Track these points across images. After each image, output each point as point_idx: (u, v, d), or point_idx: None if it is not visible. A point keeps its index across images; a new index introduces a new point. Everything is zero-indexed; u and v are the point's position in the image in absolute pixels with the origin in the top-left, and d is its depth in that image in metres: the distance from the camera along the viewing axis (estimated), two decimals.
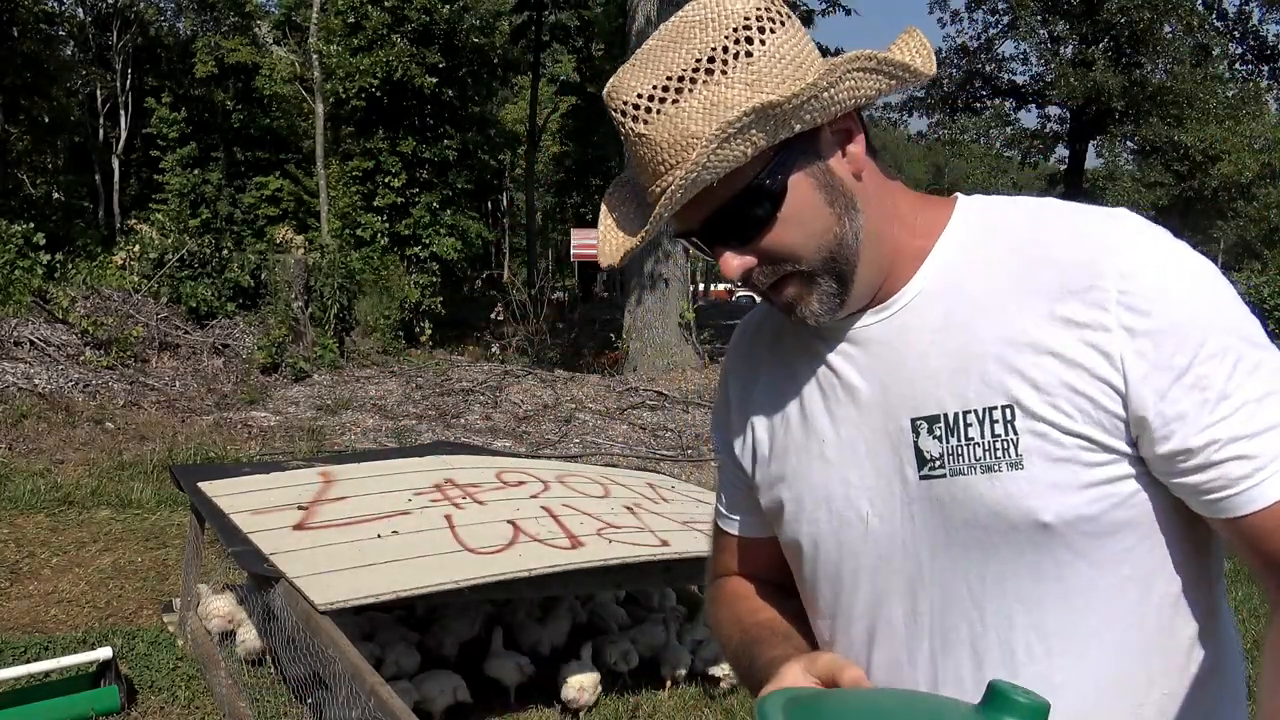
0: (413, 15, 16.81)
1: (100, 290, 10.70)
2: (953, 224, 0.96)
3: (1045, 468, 0.87)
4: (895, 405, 0.94)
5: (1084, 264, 0.87)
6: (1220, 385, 0.83)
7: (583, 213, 31.55)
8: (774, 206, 0.88)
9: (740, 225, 0.89)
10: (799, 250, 0.90)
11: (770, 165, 0.87)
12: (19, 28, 21.26)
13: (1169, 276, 0.85)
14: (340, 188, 17.14)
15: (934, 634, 0.94)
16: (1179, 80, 25.89)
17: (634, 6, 12.62)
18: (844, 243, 0.91)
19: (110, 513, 5.99)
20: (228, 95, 25.75)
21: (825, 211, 0.90)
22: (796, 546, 1.02)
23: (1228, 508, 0.85)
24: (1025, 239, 0.92)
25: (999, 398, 0.88)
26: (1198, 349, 0.83)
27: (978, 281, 0.92)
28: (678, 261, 12.70)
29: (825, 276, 0.91)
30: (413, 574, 2.86)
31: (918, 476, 0.92)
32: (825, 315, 0.93)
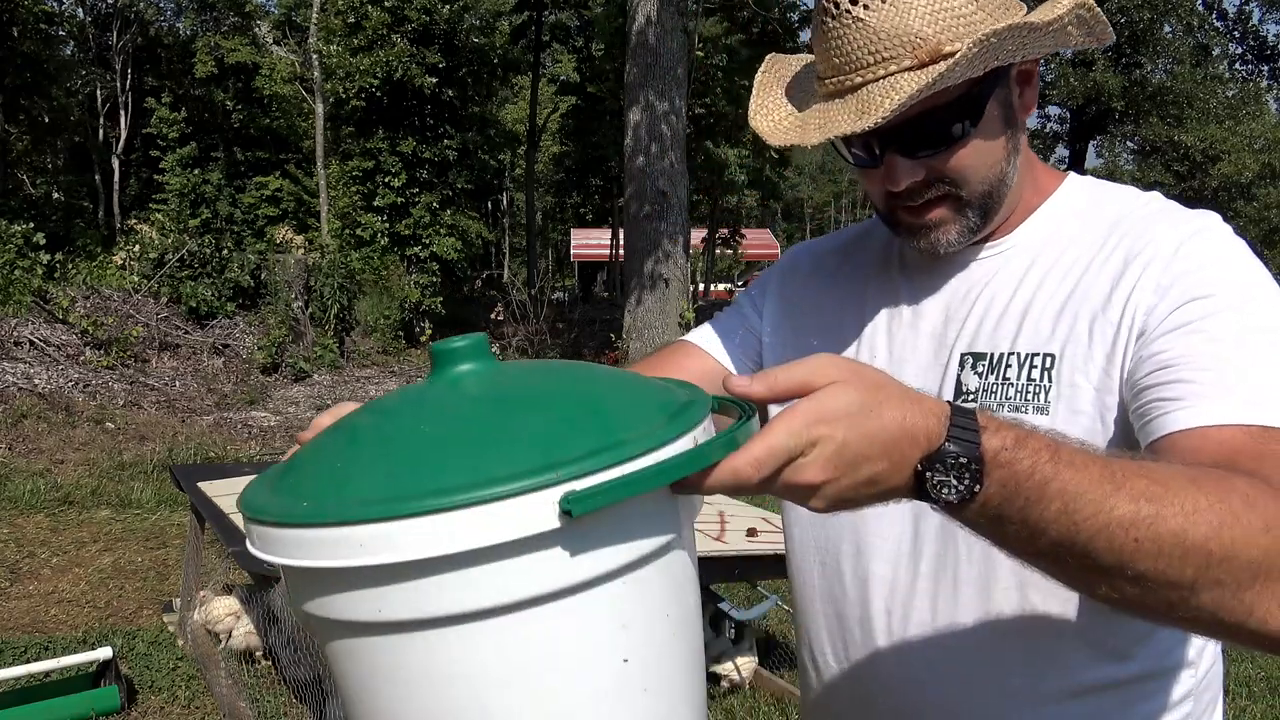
0: (413, 15, 16.81)
1: (100, 290, 10.70)
2: (1063, 189, 1.01)
3: (1067, 417, 0.89)
4: (951, 338, 0.99)
5: (1161, 251, 0.89)
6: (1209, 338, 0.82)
7: (583, 213, 31.56)
8: (972, 125, 0.90)
9: (933, 136, 0.90)
10: (972, 174, 0.92)
11: (981, 84, 0.89)
12: (19, 28, 21.25)
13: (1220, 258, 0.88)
14: (340, 188, 17.13)
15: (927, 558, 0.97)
16: (1179, 80, 25.89)
17: (634, 6, 12.62)
18: (1004, 179, 0.95)
19: (110, 513, 5.98)
20: (228, 95, 25.75)
21: (1001, 144, 0.93)
22: None
23: (1165, 424, 0.80)
24: (1120, 218, 0.95)
25: (1044, 346, 0.92)
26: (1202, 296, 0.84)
27: (1066, 245, 0.96)
28: (678, 261, 12.70)
29: (975, 209, 0.94)
30: None
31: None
32: (957, 246, 0.96)
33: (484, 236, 21.59)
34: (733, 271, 36.69)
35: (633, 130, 12.61)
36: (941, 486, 0.65)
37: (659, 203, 12.51)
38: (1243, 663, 4.16)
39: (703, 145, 20.79)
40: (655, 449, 0.58)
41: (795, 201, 50.91)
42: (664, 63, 12.33)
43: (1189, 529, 0.65)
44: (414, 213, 17.08)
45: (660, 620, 0.62)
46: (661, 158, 12.52)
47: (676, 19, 12.54)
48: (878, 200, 0.98)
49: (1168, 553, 0.65)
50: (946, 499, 0.65)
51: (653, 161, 12.51)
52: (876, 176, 0.95)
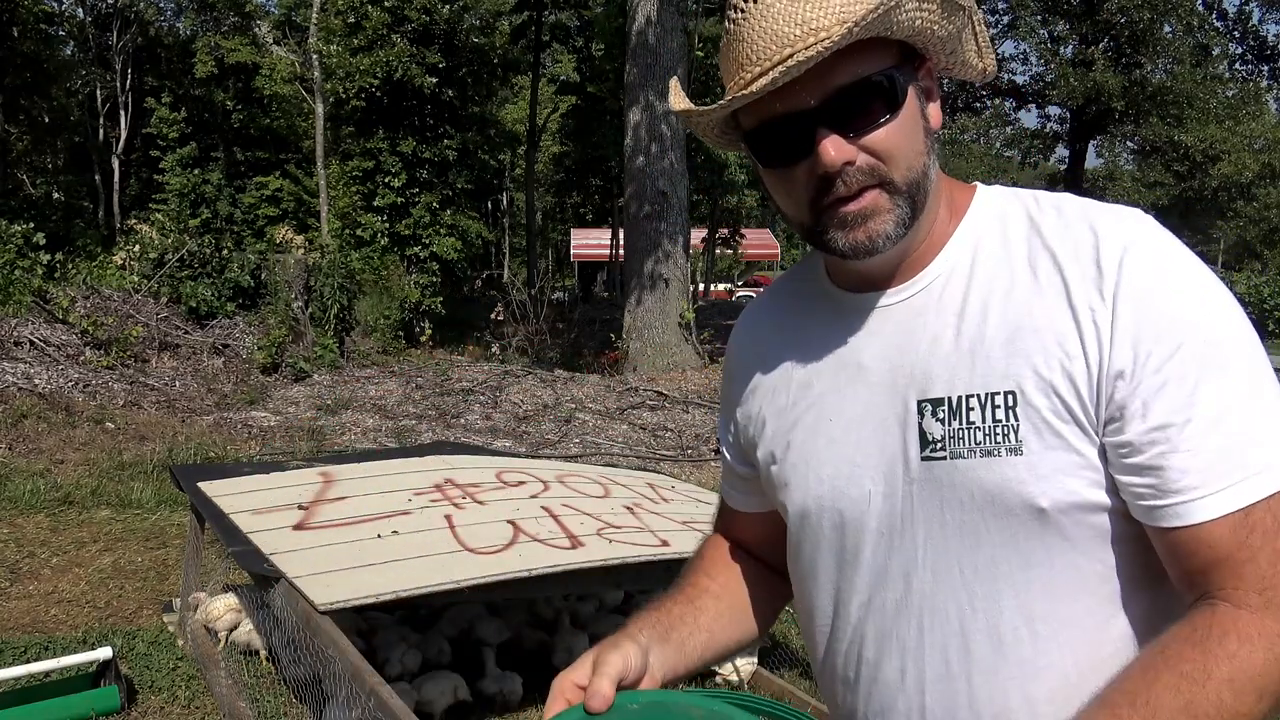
0: (413, 15, 16.81)
1: (100, 290, 10.71)
2: (973, 210, 0.99)
3: (1043, 454, 0.88)
4: (904, 386, 0.96)
5: (1094, 257, 0.88)
6: (1186, 393, 0.83)
7: (583, 213, 31.55)
8: (896, 104, 0.91)
9: (861, 111, 0.90)
10: (900, 157, 0.92)
11: (898, 66, 0.91)
12: (19, 28, 21.25)
13: (1169, 276, 0.86)
14: (340, 188, 17.13)
15: (924, 613, 0.95)
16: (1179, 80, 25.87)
17: (634, 6, 12.62)
18: (926, 176, 0.94)
19: (110, 513, 5.98)
20: (228, 95, 25.75)
21: (921, 138, 0.94)
22: (801, 519, 1.05)
23: (1158, 517, 0.85)
24: (1041, 229, 0.94)
25: (1003, 383, 0.90)
26: (1175, 349, 0.84)
27: (993, 267, 0.95)
28: (678, 261, 12.70)
29: (905, 200, 0.93)
30: (413, 574, 2.86)
31: (919, 457, 0.94)
32: (892, 238, 0.93)
33: (484, 236, 21.57)
34: (733, 271, 36.68)
35: (633, 130, 12.61)
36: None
37: (659, 203, 12.51)
38: None
39: (703, 145, 20.77)
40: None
41: None
42: (664, 63, 12.32)
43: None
44: (414, 213, 17.08)
45: None
46: (661, 158, 12.52)
47: (676, 19, 12.54)
48: (801, 207, 0.95)
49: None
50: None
51: (653, 161, 12.51)
52: (799, 174, 0.93)
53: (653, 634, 1.03)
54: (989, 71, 1.01)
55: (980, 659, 0.92)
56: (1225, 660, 0.79)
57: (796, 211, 0.96)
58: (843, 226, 0.93)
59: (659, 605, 1.10)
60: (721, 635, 1.11)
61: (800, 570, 1.09)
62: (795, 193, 0.95)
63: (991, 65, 1.01)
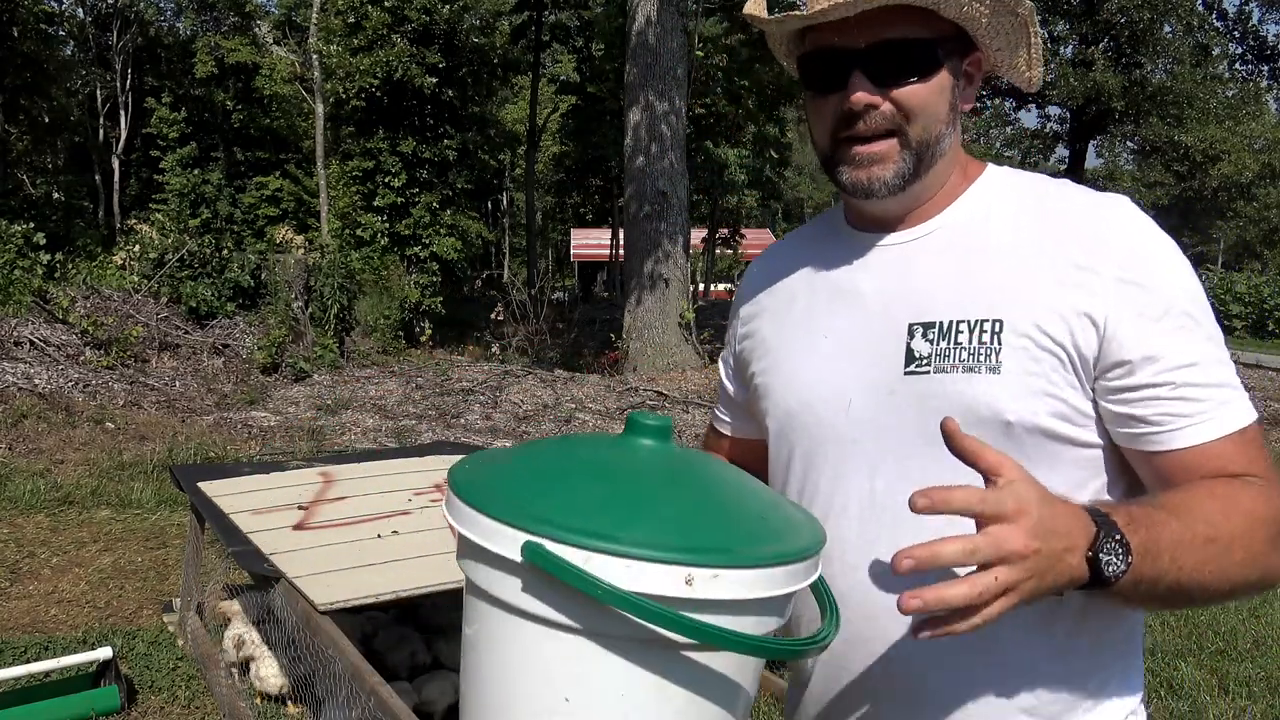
0: (413, 15, 16.81)
1: (100, 290, 10.70)
2: (985, 177, 1.12)
3: (1017, 377, 1.00)
4: (897, 311, 1.08)
5: (1091, 224, 1.02)
6: (1184, 341, 0.98)
7: (582, 213, 31.55)
8: (932, 67, 1.03)
9: (900, 64, 1.03)
10: (920, 114, 1.04)
11: (943, 42, 1.04)
12: (19, 28, 21.25)
13: (1157, 249, 1.01)
14: (340, 188, 17.12)
15: (883, 510, 1.06)
16: (1179, 80, 25.87)
17: (634, 6, 12.62)
18: (941, 141, 1.06)
19: (110, 513, 5.98)
20: (228, 95, 25.76)
21: (945, 107, 1.06)
22: (781, 422, 1.17)
23: (1161, 441, 0.99)
24: (1045, 197, 1.07)
25: (991, 312, 1.02)
26: (1169, 307, 0.98)
27: (997, 223, 1.07)
28: (678, 261, 12.70)
29: (912, 153, 1.05)
30: (413, 574, 2.86)
31: (904, 372, 1.05)
32: (890, 186, 1.06)
33: (484, 236, 21.59)
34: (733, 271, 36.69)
35: (633, 130, 12.61)
36: (1110, 563, 0.86)
37: (659, 203, 12.51)
38: (1243, 662, 4.17)
39: (703, 145, 20.78)
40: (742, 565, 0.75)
41: (795, 201, 50.90)
42: (664, 63, 12.32)
43: (1233, 552, 0.92)
44: (414, 213, 17.08)
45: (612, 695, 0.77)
46: (661, 158, 12.52)
47: (676, 19, 12.53)
48: (825, 134, 1.07)
49: (1224, 573, 0.92)
50: (1114, 573, 0.86)
51: (653, 161, 12.51)
52: (831, 104, 1.05)
53: None
54: (1035, 82, 1.12)
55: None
56: (1248, 496, 0.95)
57: (821, 138, 1.09)
58: (851, 163, 1.06)
59: None
60: None
61: (775, 476, 1.19)
62: (824, 121, 1.07)
63: (1038, 77, 1.12)
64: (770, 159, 22.47)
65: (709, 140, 21.11)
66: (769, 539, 0.79)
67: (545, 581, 0.74)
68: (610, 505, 0.76)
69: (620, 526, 0.74)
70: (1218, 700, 3.81)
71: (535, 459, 0.86)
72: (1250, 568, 0.94)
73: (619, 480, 0.80)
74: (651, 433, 0.85)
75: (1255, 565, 0.94)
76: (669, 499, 0.79)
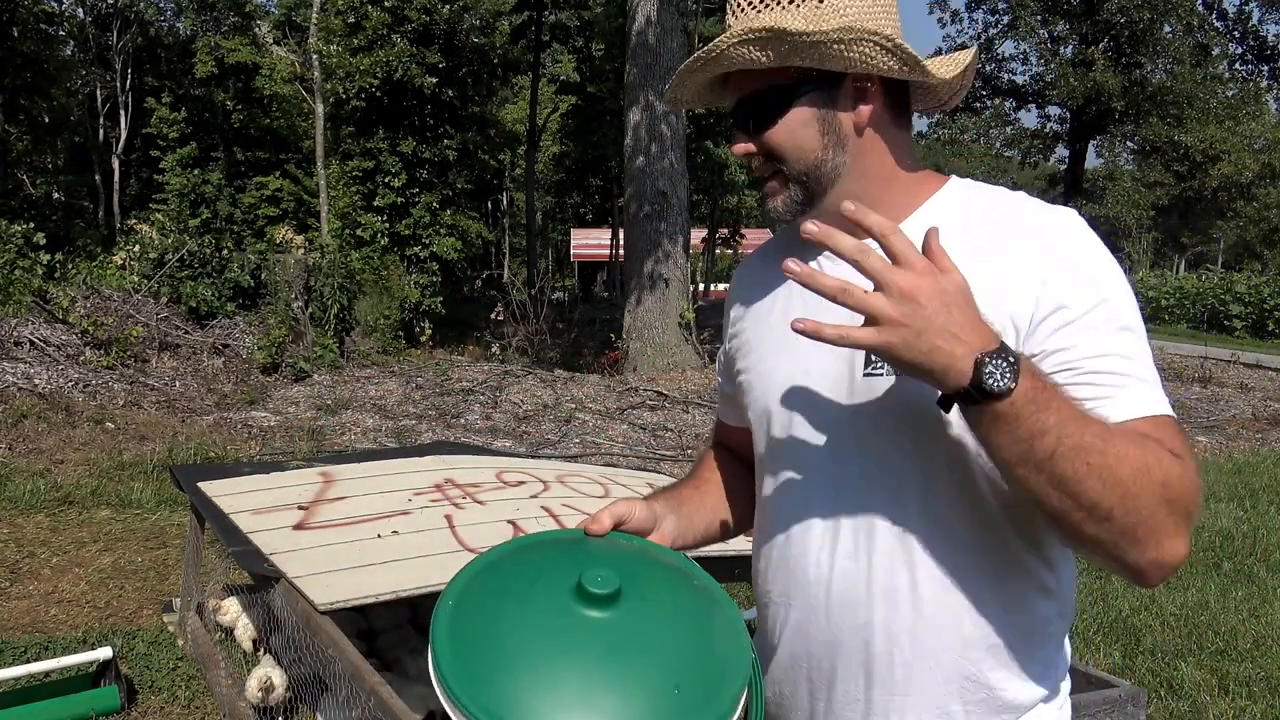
0: (413, 15, 16.81)
1: (100, 290, 10.70)
2: (945, 189, 1.20)
3: None
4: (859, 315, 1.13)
5: (1032, 233, 1.10)
6: (1100, 337, 1.04)
7: (582, 213, 31.55)
8: (778, 112, 1.15)
9: (752, 115, 1.16)
10: (786, 153, 1.16)
11: (790, 82, 1.14)
12: (19, 28, 21.25)
13: (1088, 257, 1.09)
14: (340, 188, 17.12)
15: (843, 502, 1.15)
16: (1179, 80, 25.87)
17: (634, 6, 12.62)
18: (822, 166, 1.16)
19: (110, 513, 5.98)
20: (228, 95, 25.76)
21: (816, 138, 1.15)
22: (761, 416, 1.26)
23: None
24: (992, 207, 1.16)
25: None
26: (1090, 308, 1.05)
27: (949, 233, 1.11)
28: (678, 261, 12.70)
29: (797, 185, 1.17)
30: (413, 574, 2.86)
31: (862, 373, 1.14)
32: (785, 215, 1.19)
33: (484, 236, 21.58)
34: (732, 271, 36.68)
35: (633, 130, 12.61)
36: (993, 375, 0.90)
37: (659, 203, 12.51)
38: (1243, 662, 4.17)
39: (703, 145, 20.79)
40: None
41: None
42: (664, 63, 12.32)
43: (1120, 466, 0.93)
44: (414, 213, 17.08)
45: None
46: (661, 158, 12.52)
47: (676, 19, 12.53)
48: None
49: (1105, 479, 0.93)
50: (994, 386, 0.90)
51: (653, 161, 12.51)
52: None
53: (666, 505, 1.26)
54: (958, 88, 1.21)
55: (881, 543, 1.13)
56: (1155, 449, 0.96)
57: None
58: (762, 197, 1.22)
59: (672, 488, 1.38)
60: (723, 514, 1.39)
61: (758, 463, 1.30)
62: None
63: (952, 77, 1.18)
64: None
65: (709, 140, 21.11)
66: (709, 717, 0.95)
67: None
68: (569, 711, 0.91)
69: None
70: (1218, 700, 3.81)
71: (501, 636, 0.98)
72: (1130, 496, 0.94)
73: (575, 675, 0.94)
74: (601, 603, 0.97)
75: (1134, 497, 0.94)
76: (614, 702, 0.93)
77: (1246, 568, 5.47)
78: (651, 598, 1.03)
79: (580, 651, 0.96)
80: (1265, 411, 10.84)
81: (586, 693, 0.93)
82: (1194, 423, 10.14)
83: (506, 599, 1.02)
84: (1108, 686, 2.52)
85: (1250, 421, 10.40)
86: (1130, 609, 4.71)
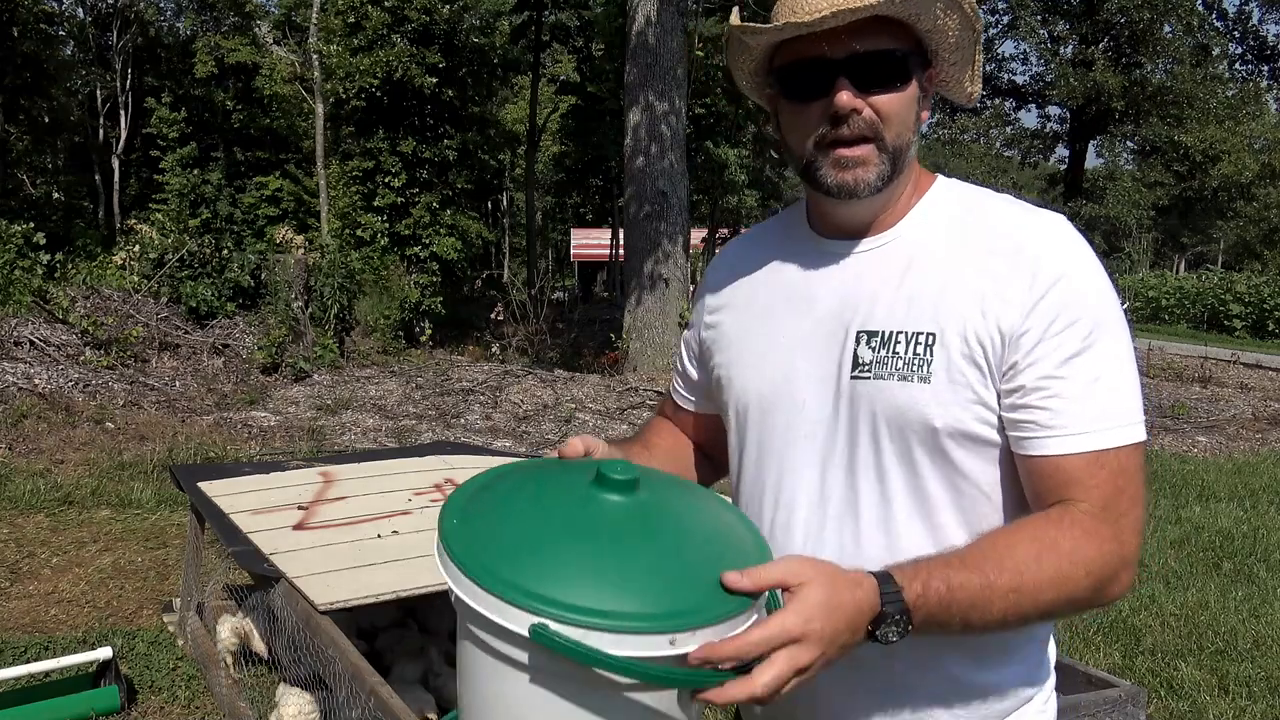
0: (413, 15, 16.81)
1: (100, 290, 10.69)
2: (933, 192, 1.21)
3: (945, 386, 1.10)
4: (848, 318, 1.18)
5: (1018, 241, 1.10)
6: (1068, 355, 1.06)
7: (582, 213, 31.54)
8: (906, 78, 1.13)
9: (879, 72, 1.11)
10: (895, 121, 1.12)
11: (911, 50, 1.13)
12: (19, 28, 21.24)
13: (1075, 269, 1.09)
14: (340, 188, 17.12)
15: (830, 502, 1.17)
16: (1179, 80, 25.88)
17: (634, 6, 12.61)
18: (910, 148, 1.15)
19: (110, 513, 5.98)
20: (228, 95, 25.74)
21: (913, 117, 1.15)
22: (741, 413, 1.26)
23: (1023, 446, 1.09)
24: (983, 213, 1.16)
25: (927, 326, 1.11)
26: (1069, 323, 1.06)
27: (943, 240, 1.16)
28: (678, 261, 12.69)
29: (888, 157, 1.13)
30: (413, 574, 2.86)
31: (850, 375, 1.15)
32: (872, 187, 1.13)
33: (484, 236, 21.56)
34: None
35: (633, 131, 12.60)
36: (886, 636, 0.96)
37: (659, 203, 12.50)
38: (1243, 662, 4.17)
39: (703, 145, 20.78)
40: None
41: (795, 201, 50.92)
42: (664, 63, 12.32)
43: (1040, 595, 1.01)
44: (414, 213, 17.07)
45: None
46: (661, 158, 12.51)
47: (676, 19, 12.52)
48: (806, 141, 1.15)
49: (1029, 616, 1.03)
50: (893, 641, 0.96)
51: (653, 162, 12.50)
52: (814, 111, 1.13)
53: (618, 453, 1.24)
54: (973, 97, 1.23)
55: (867, 543, 1.14)
56: (1070, 539, 1.03)
57: (800, 145, 1.16)
58: (836, 165, 1.13)
59: (621, 442, 1.37)
60: None
61: (733, 464, 1.31)
62: (805, 127, 1.15)
63: (977, 92, 1.22)
64: (770, 159, 22.46)
65: (709, 140, 21.11)
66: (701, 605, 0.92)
67: (548, 658, 0.86)
68: (600, 579, 0.87)
69: (611, 601, 0.85)
70: (1218, 700, 3.81)
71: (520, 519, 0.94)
72: (1060, 601, 1.03)
73: (602, 547, 0.91)
74: (622, 488, 0.95)
75: (1065, 600, 1.03)
76: (648, 564, 0.90)
77: (1246, 568, 5.47)
78: (667, 492, 1.02)
79: (609, 528, 0.92)
80: (1265, 411, 10.84)
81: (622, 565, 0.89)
82: (1194, 423, 10.14)
83: (518, 496, 0.99)
84: (1108, 686, 2.52)
85: (1250, 421, 10.40)
86: (1130, 609, 4.71)
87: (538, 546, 0.90)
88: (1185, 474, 7.77)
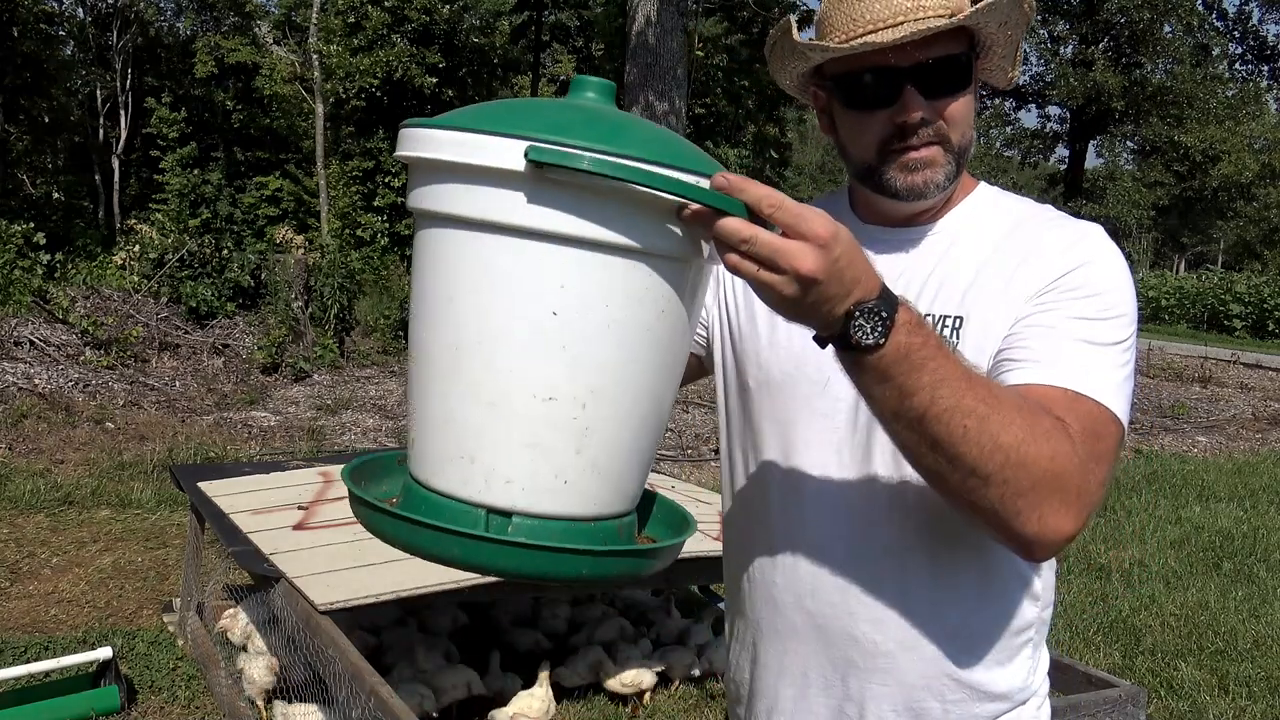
0: (413, 15, 16.83)
1: (100, 290, 10.69)
2: (979, 191, 1.24)
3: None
4: None
5: (1056, 243, 1.12)
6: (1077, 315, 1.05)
7: None
8: (968, 82, 1.13)
9: (946, 80, 1.11)
10: (962, 123, 1.14)
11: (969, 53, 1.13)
12: (19, 28, 21.24)
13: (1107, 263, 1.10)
14: (340, 188, 17.13)
15: (848, 480, 1.16)
16: (1179, 80, 25.89)
17: (634, 6, 12.61)
18: (971, 145, 1.17)
19: (110, 513, 5.98)
20: (228, 95, 25.73)
21: (972, 118, 1.16)
22: (760, 385, 1.24)
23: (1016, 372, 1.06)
24: (1025, 220, 1.18)
25: (956, 310, 1.13)
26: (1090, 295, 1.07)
27: (979, 233, 1.19)
28: None
29: (954, 157, 1.14)
30: (413, 574, 2.86)
31: None
32: (941, 187, 1.15)
33: None
34: None
35: None
36: (861, 329, 0.85)
37: None
38: (1243, 662, 4.17)
39: (703, 145, 20.74)
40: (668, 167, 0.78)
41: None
42: (664, 63, 12.32)
43: (1002, 433, 0.90)
44: None
45: (598, 306, 0.80)
46: None
47: (676, 19, 12.53)
48: (869, 148, 1.14)
49: (983, 445, 0.90)
50: (860, 340, 0.85)
51: None
52: (879, 119, 1.12)
53: None
54: (1013, 80, 1.24)
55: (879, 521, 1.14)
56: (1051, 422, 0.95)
57: (862, 151, 1.16)
58: (904, 169, 1.13)
59: None
60: None
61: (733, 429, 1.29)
62: (867, 135, 1.14)
63: (1017, 75, 1.23)
64: (770, 159, 22.47)
65: (709, 140, 21.10)
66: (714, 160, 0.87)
67: (545, 193, 0.78)
68: (594, 127, 0.81)
69: (610, 140, 0.78)
70: (1218, 700, 3.81)
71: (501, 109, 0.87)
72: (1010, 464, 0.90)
73: (591, 115, 0.85)
74: (598, 88, 0.90)
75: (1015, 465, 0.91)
76: (638, 132, 0.85)
77: (1246, 568, 5.47)
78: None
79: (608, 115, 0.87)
80: (1265, 411, 10.85)
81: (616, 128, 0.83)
82: (1194, 423, 10.14)
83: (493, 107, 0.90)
84: (1108, 686, 2.52)
85: (1250, 421, 10.40)
86: (1130, 609, 4.71)
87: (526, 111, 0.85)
88: (1185, 474, 7.78)
